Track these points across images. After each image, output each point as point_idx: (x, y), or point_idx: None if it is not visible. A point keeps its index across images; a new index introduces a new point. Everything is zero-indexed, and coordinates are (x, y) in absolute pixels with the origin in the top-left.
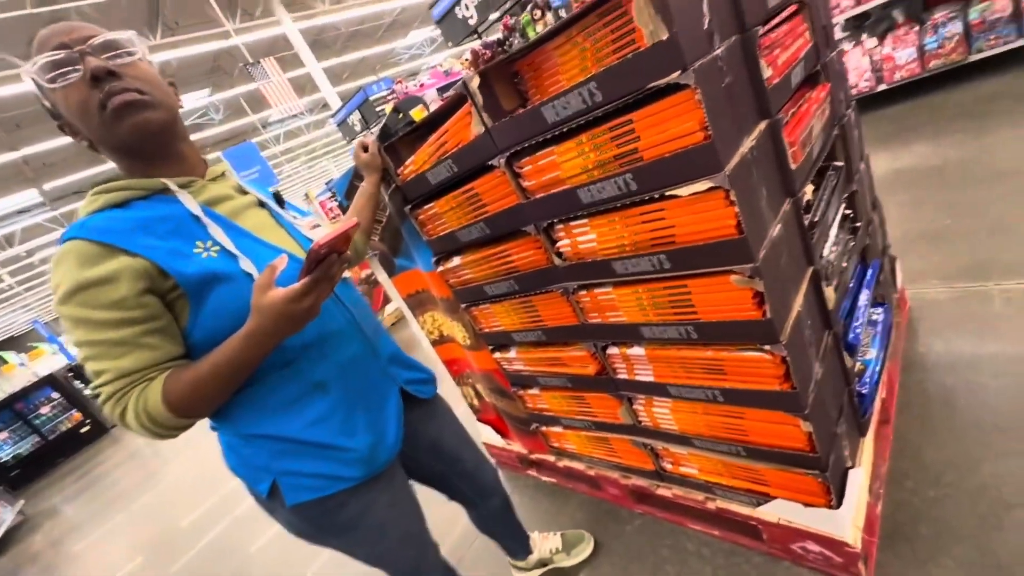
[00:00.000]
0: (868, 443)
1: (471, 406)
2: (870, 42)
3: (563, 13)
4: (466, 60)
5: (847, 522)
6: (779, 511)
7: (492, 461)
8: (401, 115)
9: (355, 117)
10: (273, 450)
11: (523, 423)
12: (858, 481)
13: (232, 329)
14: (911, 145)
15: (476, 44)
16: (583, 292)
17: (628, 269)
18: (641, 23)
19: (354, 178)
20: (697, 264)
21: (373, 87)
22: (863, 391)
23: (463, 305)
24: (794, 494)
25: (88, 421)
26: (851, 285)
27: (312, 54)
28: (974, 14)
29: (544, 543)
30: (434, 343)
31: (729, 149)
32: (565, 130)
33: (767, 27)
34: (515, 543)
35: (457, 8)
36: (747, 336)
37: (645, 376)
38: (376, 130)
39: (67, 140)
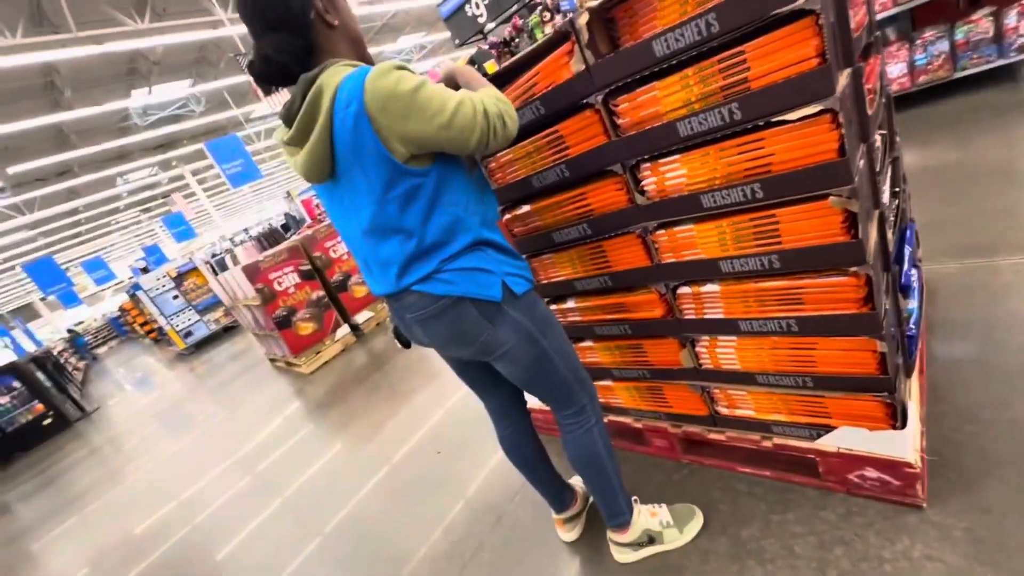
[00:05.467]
0: (914, 384)
1: None
2: None
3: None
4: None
5: (908, 444)
6: (838, 441)
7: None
8: (476, 65)
9: None
10: (494, 256)
11: None
12: (913, 413)
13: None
14: (906, 151)
15: (482, 43)
16: (661, 232)
17: (716, 202)
18: None
19: None
20: (794, 190)
21: None
22: (910, 334)
23: (524, 256)
24: (858, 421)
25: (51, 413)
26: (897, 240)
27: None
28: (959, 34)
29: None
30: None
31: (836, 78)
32: (670, 66)
33: None
34: (561, 482)
35: (467, 6)
36: (834, 259)
37: (715, 314)
38: None
39: (31, 124)
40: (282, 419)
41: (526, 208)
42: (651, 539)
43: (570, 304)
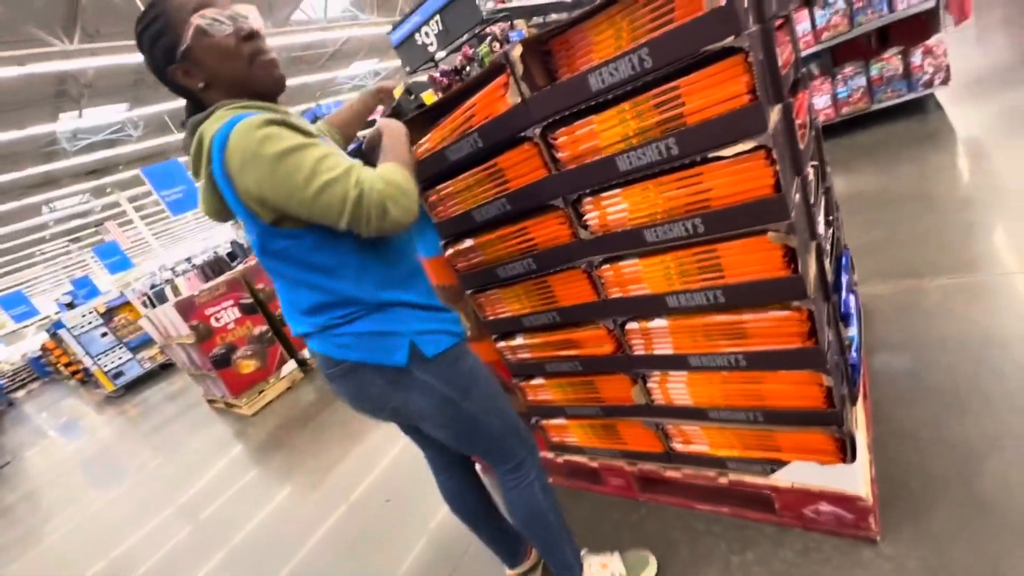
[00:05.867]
0: (859, 412)
1: None
2: None
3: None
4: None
5: (859, 477)
6: (792, 476)
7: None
8: (413, 96)
9: None
10: (405, 314)
11: (522, 419)
12: (860, 442)
13: None
14: (835, 177)
15: (433, 71)
16: (606, 266)
17: (659, 237)
18: None
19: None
20: (733, 225)
21: (320, 107)
22: (852, 362)
23: (469, 292)
24: (809, 455)
25: None
26: (835, 267)
27: None
28: (874, 71)
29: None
30: None
31: (767, 114)
32: (606, 100)
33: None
34: (515, 535)
35: (417, 35)
36: (777, 294)
37: (664, 349)
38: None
39: None
40: (223, 465)
41: (469, 243)
42: None
43: (519, 340)
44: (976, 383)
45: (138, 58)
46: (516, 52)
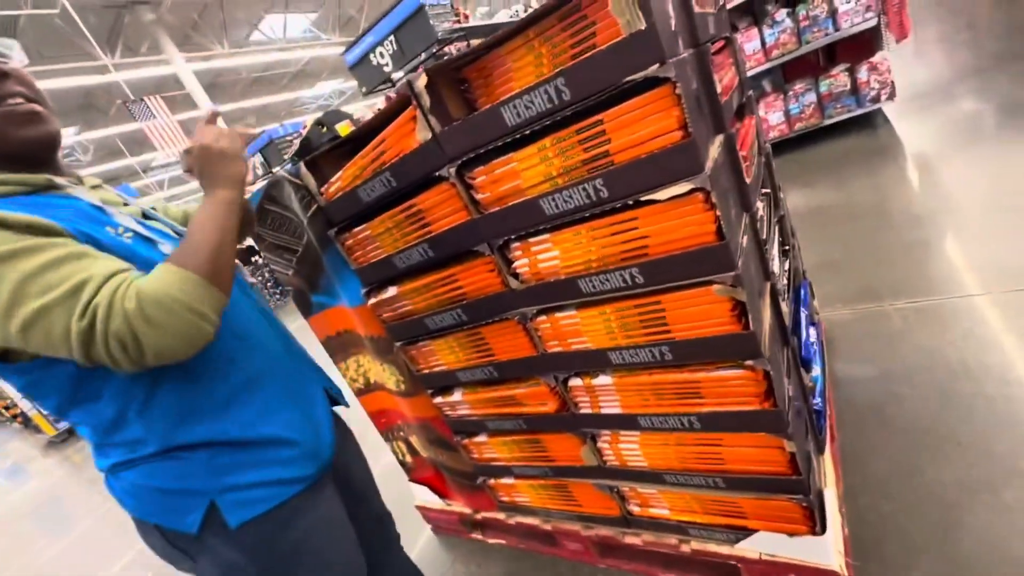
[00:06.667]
0: (827, 461)
1: (402, 463)
2: None
3: None
4: (378, 109)
5: (831, 549)
6: (760, 546)
7: (427, 527)
8: (325, 128)
9: (256, 160)
10: (211, 463)
11: (468, 478)
12: (831, 501)
13: None
14: (790, 194)
15: (390, 92)
16: (543, 318)
17: (596, 287)
18: (617, 12)
19: (264, 202)
20: (673, 276)
21: (279, 129)
22: (817, 408)
23: (398, 344)
24: (776, 524)
25: None
26: (792, 305)
27: (208, 97)
28: (823, 87)
29: None
30: (359, 392)
31: (704, 151)
32: (525, 134)
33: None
34: None
35: (371, 55)
36: (728, 352)
37: (612, 408)
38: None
39: None
40: None
41: (393, 291)
42: None
43: (457, 396)
44: (946, 422)
45: (86, 81)
46: (421, 82)
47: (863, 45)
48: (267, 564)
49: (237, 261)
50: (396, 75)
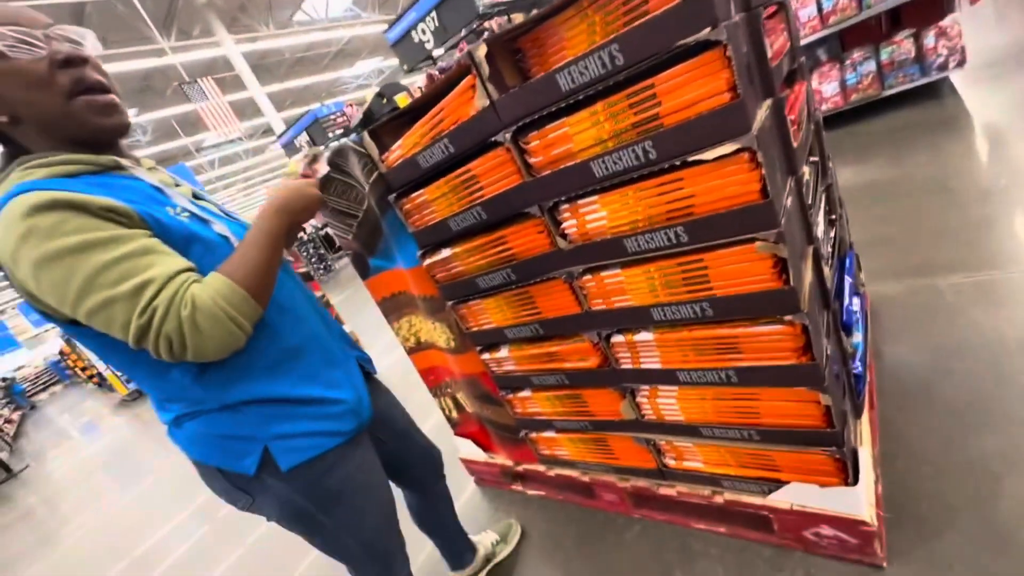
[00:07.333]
0: (864, 425)
1: (449, 419)
2: None
3: None
4: (419, 88)
5: (862, 500)
6: (791, 497)
7: (472, 476)
8: (385, 100)
9: (303, 139)
10: (263, 414)
11: (511, 431)
12: (865, 460)
13: None
14: (842, 169)
15: (432, 69)
16: (588, 277)
17: (641, 246)
18: None
19: (330, 170)
20: (717, 234)
21: (322, 108)
22: (857, 372)
23: (450, 303)
24: (808, 476)
25: None
26: (836, 272)
27: (255, 78)
28: (884, 55)
29: (486, 539)
30: (410, 351)
31: (752, 113)
32: (578, 100)
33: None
34: (461, 541)
35: (414, 32)
36: (768, 307)
37: (652, 364)
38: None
39: None
40: None
41: (446, 252)
42: None
43: (504, 353)
44: (994, 395)
45: (145, 64)
46: (481, 52)
47: (931, 8)
48: (314, 501)
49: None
50: (437, 52)
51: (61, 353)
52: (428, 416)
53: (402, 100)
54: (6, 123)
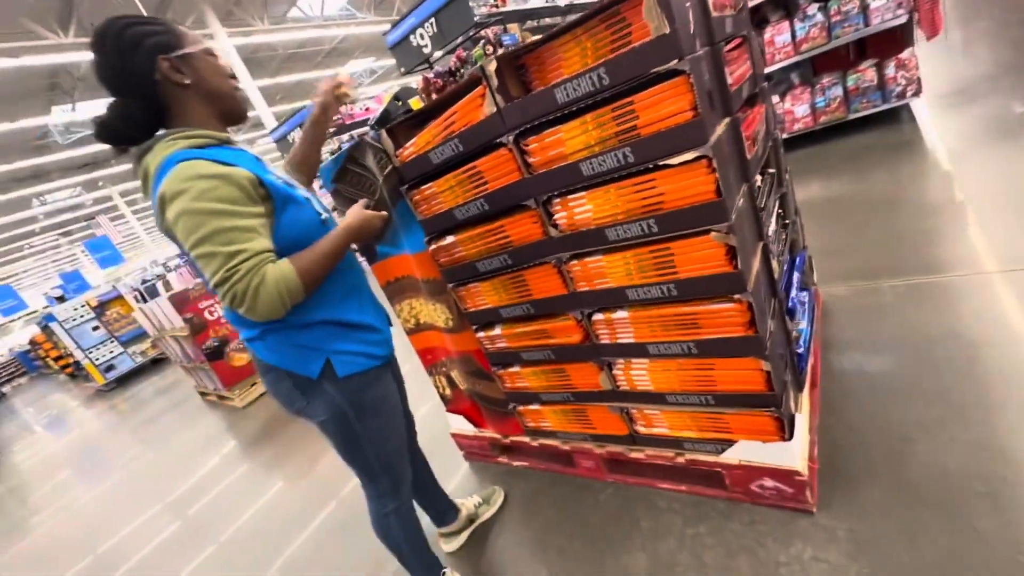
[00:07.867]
0: (804, 398)
1: (442, 396)
2: (773, 98)
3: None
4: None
5: (797, 454)
6: (740, 454)
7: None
8: (400, 102)
9: (295, 134)
10: (329, 333)
11: (500, 405)
12: (802, 423)
13: (299, 242)
14: (809, 184)
15: (428, 72)
16: (575, 262)
17: (620, 235)
18: (648, 19)
19: (347, 162)
20: (682, 225)
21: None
22: (800, 352)
23: (451, 285)
24: (754, 434)
25: None
26: (786, 267)
27: (247, 71)
28: (850, 81)
29: (469, 501)
30: (409, 332)
31: (710, 128)
32: (571, 111)
33: (727, 47)
34: (444, 500)
35: (412, 36)
36: (720, 287)
37: (627, 338)
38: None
39: None
40: (214, 457)
41: (451, 239)
42: None
43: (497, 331)
44: (918, 377)
45: None
46: (492, 66)
47: (893, 41)
48: (356, 408)
49: None
50: (434, 56)
51: (32, 343)
52: (425, 401)
53: (415, 103)
54: (184, 84)
